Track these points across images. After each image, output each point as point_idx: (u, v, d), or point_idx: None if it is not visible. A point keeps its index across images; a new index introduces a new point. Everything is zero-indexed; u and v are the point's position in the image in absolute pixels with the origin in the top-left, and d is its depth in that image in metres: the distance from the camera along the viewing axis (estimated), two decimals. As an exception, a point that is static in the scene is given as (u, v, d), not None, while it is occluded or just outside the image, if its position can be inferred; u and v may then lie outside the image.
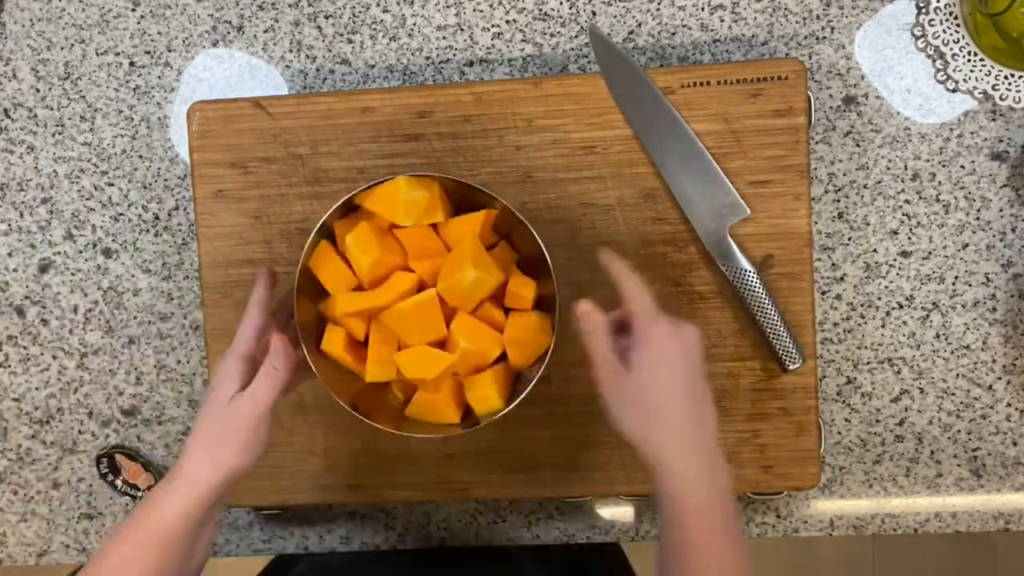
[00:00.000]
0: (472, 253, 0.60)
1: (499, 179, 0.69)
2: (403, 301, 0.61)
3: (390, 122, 0.69)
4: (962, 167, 0.71)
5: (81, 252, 0.77)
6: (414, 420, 0.64)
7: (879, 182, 0.71)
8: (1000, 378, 0.71)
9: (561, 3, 0.72)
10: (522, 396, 0.61)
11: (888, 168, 0.71)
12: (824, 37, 0.71)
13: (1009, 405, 0.72)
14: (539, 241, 0.61)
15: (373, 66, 0.74)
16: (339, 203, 0.62)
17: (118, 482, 0.77)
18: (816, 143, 0.71)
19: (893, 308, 0.72)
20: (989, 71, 0.69)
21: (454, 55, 0.74)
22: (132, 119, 0.76)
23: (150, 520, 0.55)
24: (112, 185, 0.76)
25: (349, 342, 0.64)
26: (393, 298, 0.61)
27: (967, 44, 0.69)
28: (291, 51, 0.75)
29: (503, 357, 0.63)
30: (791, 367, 0.66)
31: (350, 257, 0.62)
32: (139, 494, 0.77)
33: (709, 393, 0.56)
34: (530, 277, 0.64)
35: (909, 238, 0.71)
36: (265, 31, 0.75)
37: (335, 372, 0.64)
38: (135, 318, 0.77)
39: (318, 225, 0.62)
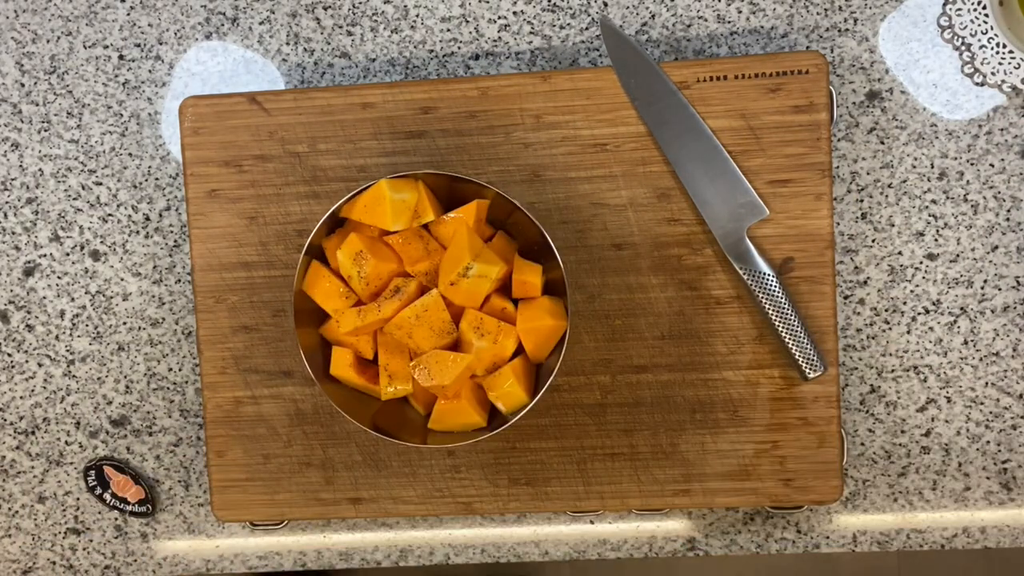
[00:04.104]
0: (469, 245, 0.61)
1: (506, 178, 0.69)
2: (407, 308, 0.62)
3: (392, 118, 0.70)
4: (991, 165, 0.71)
5: (68, 255, 0.77)
6: (440, 432, 0.65)
7: (904, 181, 0.72)
8: (1031, 386, 0.72)
9: (571, -7, 0.73)
10: (547, 384, 0.62)
11: (914, 166, 0.71)
12: (847, 29, 0.71)
13: (1041, 415, 0.72)
14: (537, 223, 0.62)
15: (374, 60, 0.75)
16: (323, 220, 0.63)
17: (106, 495, 0.77)
18: (838, 140, 0.72)
19: (919, 313, 0.72)
20: (1019, 64, 0.70)
21: (459, 48, 0.74)
22: (121, 115, 0.77)
23: None
24: (100, 184, 0.77)
25: (358, 362, 0.65)
26: (396, 307, 0.62)
27: (995, 36, 0.70)
28: (288, 44, 0.75)
29: (519, 352, 0.64)
30: (812, 375, 0.67)
31: (344, 272, 0.63)
32: (128, 508, 0.77)
33: None
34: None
35: (936, 240, 0.72)
36: (261, 23, 0.75)
37: (350, 396, 0.65)
38: (124, 324, 0.77)
39: (305, 246, 0.63)
